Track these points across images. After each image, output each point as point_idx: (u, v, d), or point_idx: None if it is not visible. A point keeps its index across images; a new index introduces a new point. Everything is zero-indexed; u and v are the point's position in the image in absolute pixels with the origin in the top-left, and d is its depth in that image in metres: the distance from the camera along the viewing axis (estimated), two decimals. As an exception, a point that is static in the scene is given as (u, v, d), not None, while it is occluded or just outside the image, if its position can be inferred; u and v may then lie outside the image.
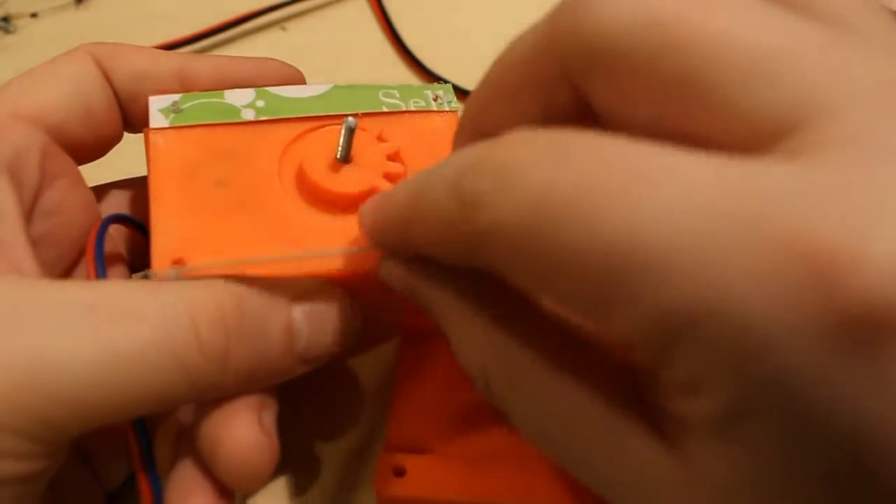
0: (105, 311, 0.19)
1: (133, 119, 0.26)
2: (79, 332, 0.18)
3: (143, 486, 0.20)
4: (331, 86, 0.27)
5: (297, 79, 0.28)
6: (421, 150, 0.27)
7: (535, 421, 0.18)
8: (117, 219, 0.24)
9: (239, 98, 0.26)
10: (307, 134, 0.26)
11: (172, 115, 0.25)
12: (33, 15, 0.43)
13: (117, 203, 0.27)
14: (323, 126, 0.26)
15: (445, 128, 0.28)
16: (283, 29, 0.43)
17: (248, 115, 0.25)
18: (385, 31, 0.42)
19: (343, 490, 0.26)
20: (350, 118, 0.24)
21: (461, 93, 0.39)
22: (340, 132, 0.24)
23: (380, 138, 0.26)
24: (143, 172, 0.26)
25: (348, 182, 0.24)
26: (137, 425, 0.20)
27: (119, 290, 0.20)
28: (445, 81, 0.39)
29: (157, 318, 0.19)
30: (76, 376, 0.18)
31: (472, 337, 0.19)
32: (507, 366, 0.18)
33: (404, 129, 0.27)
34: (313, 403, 0.28)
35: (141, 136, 0.25)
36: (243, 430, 0.20)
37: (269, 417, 0.21)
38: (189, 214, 0.23)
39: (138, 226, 0.25)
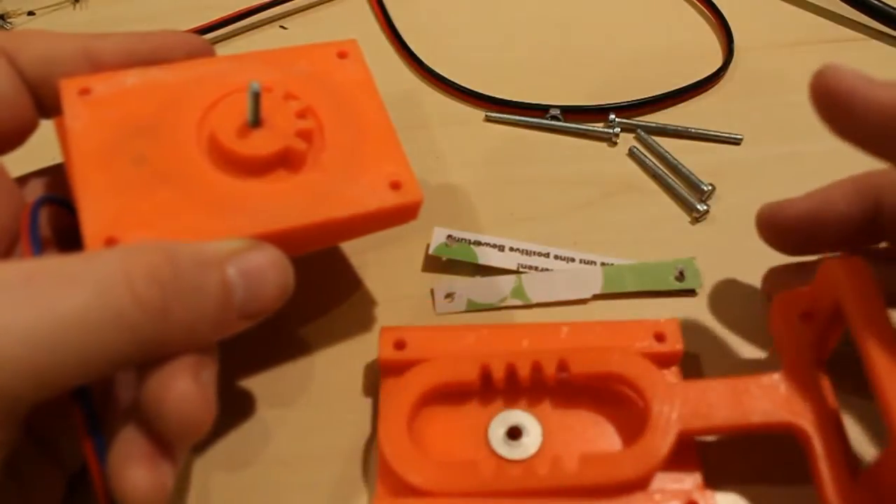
0: (42, 280, 0.19)
1: (46, 103, 0.25)
2: (18, 301, 0.18)
3: (89, 451, 0.21)
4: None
5: (206, 50, 0.28)
6: (330, 103, 0.27)
7: None
8: (48, 200, 0.24)
9: None
10: (219, 102, 0.26)
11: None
12: (30, 13, 0.43)
13: (38, 192, 0.27)
14: (232, 93, 0.26)
15: (351, 78, 0.28)
16: (284, 28, 0.42)
17: None
18: (385, 30, 0.42)
19: (340, 488, 0.26)
20: (254, 83, 0.24)
21: (462, 92, 0.39)
22: (247, 97, 0.25)
23: (288, 97, 0.26)
24: (57, 161, 0.26)
25: (261, 144, 0.25)
26: (79, 394, 0.21)
27: (53, 261, 0.20)
28: (446, 81, 0.39)
29: (93, 281, 0.19)
30: (22, 342, 0.18)
31: None
32: None
33: (311, 84, 0.27)
34: (308, 403, 0.28)
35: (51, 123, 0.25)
36: (182, 386, 0.20)
37: (208, 375, 0.22)
38: (114, 193, 0.23)
39: (68, 206, 0.25)
